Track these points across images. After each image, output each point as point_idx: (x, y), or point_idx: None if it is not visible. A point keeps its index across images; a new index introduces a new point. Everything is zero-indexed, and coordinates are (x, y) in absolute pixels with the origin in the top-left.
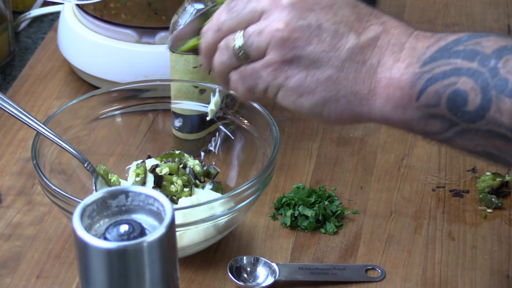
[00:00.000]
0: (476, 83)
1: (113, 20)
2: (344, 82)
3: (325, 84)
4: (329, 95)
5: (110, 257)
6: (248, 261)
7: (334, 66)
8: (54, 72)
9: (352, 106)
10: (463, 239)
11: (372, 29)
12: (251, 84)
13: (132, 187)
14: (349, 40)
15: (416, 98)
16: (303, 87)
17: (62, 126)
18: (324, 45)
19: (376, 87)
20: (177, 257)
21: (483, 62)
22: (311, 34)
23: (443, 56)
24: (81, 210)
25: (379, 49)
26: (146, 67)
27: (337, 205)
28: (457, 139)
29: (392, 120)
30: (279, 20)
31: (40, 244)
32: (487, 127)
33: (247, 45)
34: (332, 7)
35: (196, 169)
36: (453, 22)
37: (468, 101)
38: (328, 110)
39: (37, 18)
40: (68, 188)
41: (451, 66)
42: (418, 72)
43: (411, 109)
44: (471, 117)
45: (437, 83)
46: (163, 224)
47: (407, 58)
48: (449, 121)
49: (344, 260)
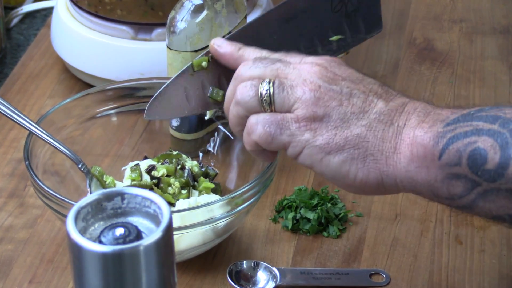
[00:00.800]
0: (496, 142)
1: (108, 16)
2: (372, 139)
3: (353, 142)
4: (357, 152)
5: (105, 262)
6: (248, 266)
7: (363, 125)
8: (47, 70)
9: (378, 165)
10: (470, 242)
11: (400, 99)
12: (275, 131)
13: (128, 188)
14: (378, 105)
15: (438, 156)
16: (331, 145)
17: (55, 125)
18: (354, 108)
19: (401, 146)
20: (174, 262)
21: (504, 124)
22: (342, 98)
23: (465, 119)
24: (75, 213)
25: (406, 114)
26: (142, 65)
27: (340, 207)
28: (480, 202)
29: (416, 181)
30: (312, 82)
31: (32, 248)
32: (507, 186)
33: (276, 92)
34: (362, 81)
35: (194, 170)
36: (461, 18)
37: (487, 159)
38: (355, 168)
39: (30, 14)
40: (61, 190)
41: (473, 127)
42: (441, 131)
43: (434, 168)
44: (491, 176)
45: (458, 141)
46: (160, 227)
47: (431, 120)
48: (471, 181)
49: (348, 264)
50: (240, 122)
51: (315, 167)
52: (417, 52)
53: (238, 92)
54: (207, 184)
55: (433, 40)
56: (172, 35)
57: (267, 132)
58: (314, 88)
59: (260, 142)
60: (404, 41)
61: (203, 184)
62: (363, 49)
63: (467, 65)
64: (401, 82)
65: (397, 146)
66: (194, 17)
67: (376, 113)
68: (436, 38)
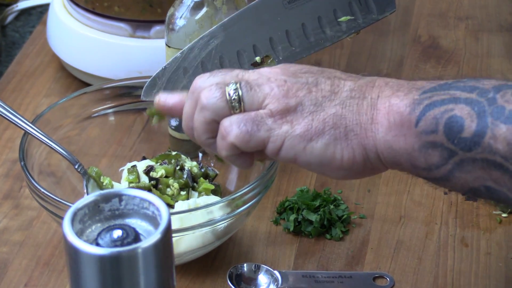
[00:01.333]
0: (473, 110)
1: (106, 13)
2: (349, 115)
3: (332, 122)
4: (338, 132)
5: (103, 264)
6: (248, 269)
7: (337, 104)
8: (43, 68)
9: (360, 139)
10: (476, 245)
11: (367, 77)
12: (252, 128)
13: (126, 190)
14: (347, 84)
15: (415, 123)
16: (311, 131)
17: (51, 125)
18: (324, 92)
19: (377, 116)
20: (173, 264)
21: (482, 94)
22: (310, 86)
23: (442, 88)
24: (71, 215)
25: (377, 87)
26: (140, 63)
27: (343, 209)
28: (456, 172)
29: (395, 150)
30: (277, 79)
31: (28, 251)
32: (483, 155)
33: (244, 91)
34: (324, 71)
35: (194, 171)
36: (466, 15)
37: (464, 127)
38: (340, 149)
39: (25, 11)
40: (58, 191)
41: (450, 96)
42: (417, 98)
43: (411, 136)
44: (467, 144)
45: (435, 109)
46: (158, 229)
47: (407, 89)
48: (447, 150)
49: (351, 267)
50: (208, 129)
51: (300, 157)
52: (422, 50)
53: (202, 97)
54: (207, 185)
55: (439, 37)
56: (171, 33)
57: (243, 130)
58: (281, 83)
59: (237, 143)
60: (409, 38)
61: (202, 185)
62: (366, 46)
63: (473, 64)
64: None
65: (374, 116)
66: (194, 14)
67: (347, 91)
68: (442, 35)
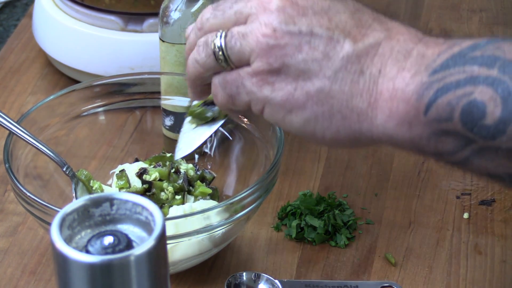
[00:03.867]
0: (496, 93)
1: (96, 5)
2: (338, 95)
3: (316, 98)
4: (321, 110)
5: (93, 273)
6: (248, 278)
7: (326, 77)
8: (28, 64)
9: (349, 122)
10: (491, 252)
11: (373, 35)
12: (233, 92)
13: (117, 193)
14: (344, 48)
15: (424, 111)
16: (291, 102)
17: (37, 125)
18: (316, 53)
19: (377, 101)
20: (168, 273)
21: (504, 68)
22: (301, 40)
23: (457, 64)
24: (60, 220)
25: (380, 57)
26: (132, 58)
27: (348, 214)
28: (474, 160)
29: (397, 139)
30: (267, 24)
31: (13, 258)
32: (508, 145)
33: (229, 46)
34: (328, 12)
35: (190, 174)
36: (480, 8)
37: (486, 113)
38: (321, 128)
39: (9, 3)
40: (45, 195)
41: (466, 74)
42: (427, 81)
43: (418, 125)
44: (490, 132)
45: (449, 93)
46: (152, 236)
47: (414, 66)
48: (464, 138)
49: (357, 276)
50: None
51: (280, 125)
52: None
53: (195, 52)
54: (204, 189)
55: (451, 31)
56: (165, 26)
57: (227, 94)
58: (268, 33)
59: (224, 106)
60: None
61: (199, 189)
62: None
63: None
64: None
65: (372, 101)
66: (189, 7)
67: (343, 59)
68: (454, 29)
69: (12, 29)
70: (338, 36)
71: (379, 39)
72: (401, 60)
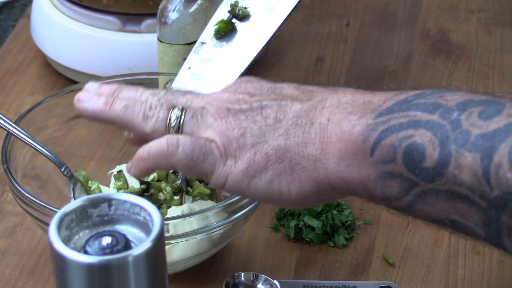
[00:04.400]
0: (435, 136)
1: (94, 5)
2: (293, 148)
3: (275, 156)
4: (282, 166)
5: (91, 273)
6: (246, 278)
7: (280, 135)
8: (26, 65)
9: (308, 172)
10: (489, 253)
11: (320, 95)
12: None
13: (115, 194)
14: (293, 108)
15: (370, 153)
16: (253, 166)
17: (36, 125)
18: (268, 120)
19: (327, 145)
20: (166, 274)
21: (445, 114)
22: (254, 113)
23: (401, 109)
24: (58, 221)
25: (328, 109)
26: (130, 59)
27: (347, 214)
28: (418, 205)
29: (349, 181)
30: (220, 107)
31: (11, 259)
32: (447, 187)
33: (186, 120)
34: (275, 90)
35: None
36: (478, 8)
37: (425, 155)
38: (286, 184)
39: (7, 4)
40: (43, 195)
41: (409, 118)
42: (372, 123)
43: (366, 166)
44: (429, 174)
45: (392, 135)
46: (150, 236)
47: (360, 111)
48: (407, 181)
49: (355, 276)
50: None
51: (245, 194)
52: (431, 45)
53: (146, 107)
54: (202, 189)
55: (449, 31)
56: (163, 27)
57: (188, 156)
58: (224, 114)
59: (178, 166)
60: (417, 32)
61: (197, 189)
62: (372, 41)
63: (486, 59)
64: (413, 77)
65: (323, 146)
66: (187, 7)
67: (293, 117)
68: (452, 29)
69: (10, 29)
70: (286, 102)
71: (326, 95)
72: (348, 107)
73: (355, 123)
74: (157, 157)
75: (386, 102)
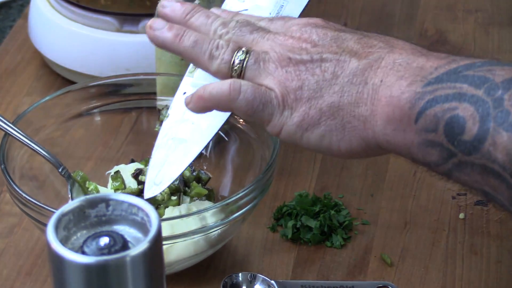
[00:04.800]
0: (477, 112)
1: (91, 6)
2: (346, 107)
3: (328, 112)
4: (334, 123)
5: (89, 274)
6: (244, 278)
7: (335, 92)
8: (24, 65)
9: (358, 132)
10: (487, 253)
11: (377, 52)
12: (258, 106)
13: (113, 194)
14: (350, 65)
15: (415, 120)
16: (307, 120)
17: (33, 126)
18: (326, 74)
19: (377, 107)
20: (164, 274)
21: (489, 91)
22: (313, 65)
23: (449, 79)
24: (55, 221)
25: (382, 69)
26: (128, 59)
27: (344, 215)
28: (455, 173)
29: (394, 144)
30: (283, 55)
31: (9, 260)
32: (482, 161)
33: (248, 65)
34: (337, 40)
35: (186, 175)
36: (476, 8)
37: (465, 129)
38: (336, 140)
39: (5, 4)
40: (40, 196)
41: (456, 90)
42: (420, 91)
43: (411, 132)
44: (467, 147)
45: (437, 106)
46: (148, 237)
47: (411, 76)
48: (446, 150)
49: (353, 277)
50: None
51: (298, 144)
52: (429, 45)
53: (213, 46)
54: (200, 189)
55: (446, 32)
56: None
57: (249, 103)
58: (285, 63)
59: (238, 110)
60: (415, 33)
61: (195, 189)
62: None
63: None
64: None
65: (373, 108)
66: None
67: (350, 75)
68: (450, 29)
69: (8, 30)
70: (345, 57)
71: (383, 54)
72: (401, 70)
73: (404, 90)
74: (218, 99)
75: (438, 69)
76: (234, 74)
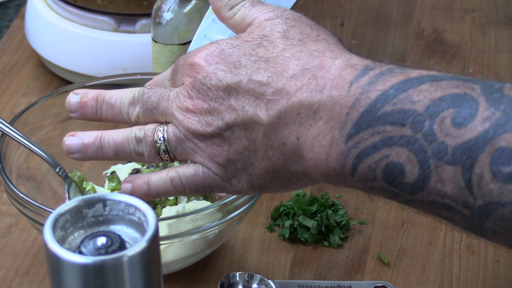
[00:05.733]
0: (411, 152)
1: (88, 6)
2: (280, 169)
3: (268, 176)
4: (280, 182)
5: (86, 274)
6: (241, 278)
7: (261, 157)
8: (21, 65)
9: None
10: (484, 252)
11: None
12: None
13: (110, 194)
14: (258, 126)
15: (351, 175)
16: (256, 186)
17: (30, 126)
18: (243, 141)
19: (309, 168)
20: (161, 274)
21: (416, 126)
22: (227, 136)
23: (369, 124)
24: (53, 221)
25: (290, 126)
26: (125, 59)
27: (341, 214)
28: (407, 205)
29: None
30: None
31: (6, 260)
32: (430, 198)
33: (173, 149)
34: (230, 95)
35: None
36: (473, 8)
37: (405, 173)
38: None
39: (1, 4)
40: (37, 196)
41: (381, 136)
42: (345, 149)
43: (351, 182)
44: (411, 189)
45: (368, 158)
46: (145, 237)
47: (328, 134)
48: (391, 193)
49: (350, 276)
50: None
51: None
52: (426, 45)
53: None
54: None
55: (443, 31)
56: (157, 27)
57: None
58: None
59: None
60: (412, 32)
61: None
62: (366, 41)
63: (480, 59)
64: None
65: (306, 165)
66: (182, 7)
67: (264, 138)
68: (447, 29)
69: (5, 30)
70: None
71: (292, 105)
72: (313, 125)
73: (328, 152)
74: (166, 192)
75: (349, 115)
76: (167, 158)
